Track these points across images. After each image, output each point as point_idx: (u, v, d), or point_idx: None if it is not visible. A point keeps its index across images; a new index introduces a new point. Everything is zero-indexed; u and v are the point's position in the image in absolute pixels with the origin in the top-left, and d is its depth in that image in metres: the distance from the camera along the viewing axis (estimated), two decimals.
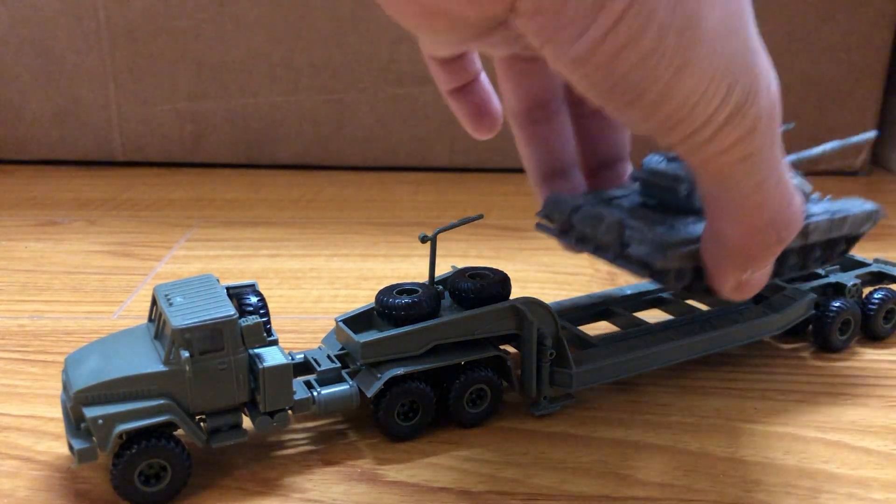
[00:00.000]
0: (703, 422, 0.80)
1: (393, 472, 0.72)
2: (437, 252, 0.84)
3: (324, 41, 1.66)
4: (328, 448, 0.75)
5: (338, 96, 1.70)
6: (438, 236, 0.81)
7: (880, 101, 1.71)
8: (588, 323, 0.94)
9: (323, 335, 0.97)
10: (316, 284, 1.14)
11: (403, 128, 1.73)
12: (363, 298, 1.09)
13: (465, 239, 1.08)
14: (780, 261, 0.82)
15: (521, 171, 1.76)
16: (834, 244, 0.87)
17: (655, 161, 0.85)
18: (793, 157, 0.93)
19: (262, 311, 0.74)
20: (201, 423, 0.70)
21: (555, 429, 0.78)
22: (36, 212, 1.46)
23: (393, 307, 0.76)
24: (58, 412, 0.80)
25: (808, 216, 0.81)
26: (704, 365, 0.89)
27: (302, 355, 0.78)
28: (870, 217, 0.87)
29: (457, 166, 1.75)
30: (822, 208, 0.85)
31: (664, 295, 0.98)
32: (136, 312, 1.05)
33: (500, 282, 0.79)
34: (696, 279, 0.76)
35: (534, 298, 0.79)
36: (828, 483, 0.70)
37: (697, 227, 0.76)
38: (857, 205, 0.87)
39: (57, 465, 0.72)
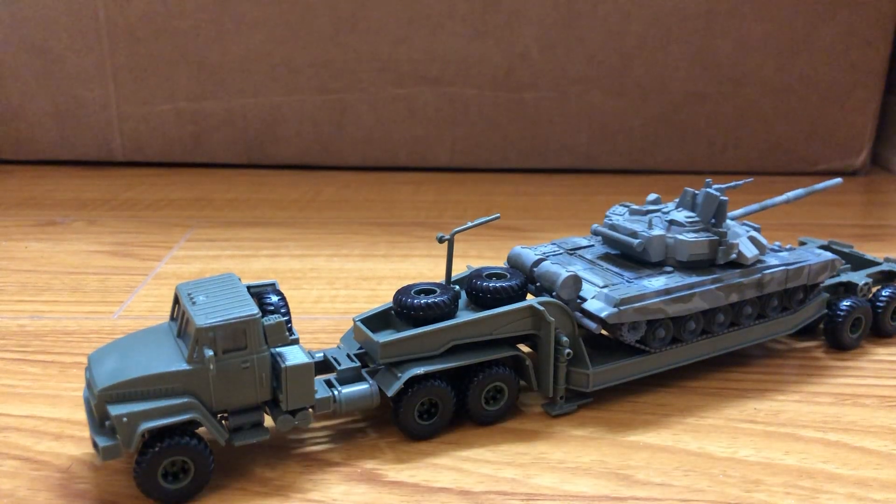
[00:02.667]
0: (703, 422, 0.80)
1: (393, 472, 0.72)
2: (436, 252, 0.84)
3: (324, 41, 1.66)
4: (328, 448, 0.75)
5: (338, 96, 1.70)
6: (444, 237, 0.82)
7: (880, 101, 1.71)
8: None
9: (323, 335, 0.98)
10: (316, 284, 1.14)
11: (403, 128, 1.73)
12: (363, 298, 1.09)
13: (465, 239, 1.08)
14: (738, 310, 0.86)
15: (520, 171, 1.77)
16: (792, 293, 0.90)
17: (618, 213, 0.89)
18: (757, 205, 0.96)
19: (283, 310, 0.75)
20: (223, 422, 0.70)
21: (555, 429, 0.79)
22: (36, 212, 1.46)
23: (412, 307, 0.76)
24: (58, 412, 0.80)
25: (766, 267, 0.86)
26: (704, 365, 0.89)
27: (322, 354, 0.79)
28: (827, 267, 0.91)
29: (457, 166, 1.75)
30: (780, 259, 0.88)
31: None
32: (136, 312, 1.05)
33: (518, 282, 0.80)
34: (651, 331, 0.82)
35: (551, 299, 0.79)
36: (828, 483, 0.71)
37: (653, 281, 0.82)
38: (814, 255, 0.91)
39: (57, 464, 0.72)
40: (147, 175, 1.71)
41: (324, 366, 0.78)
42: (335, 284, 1.15)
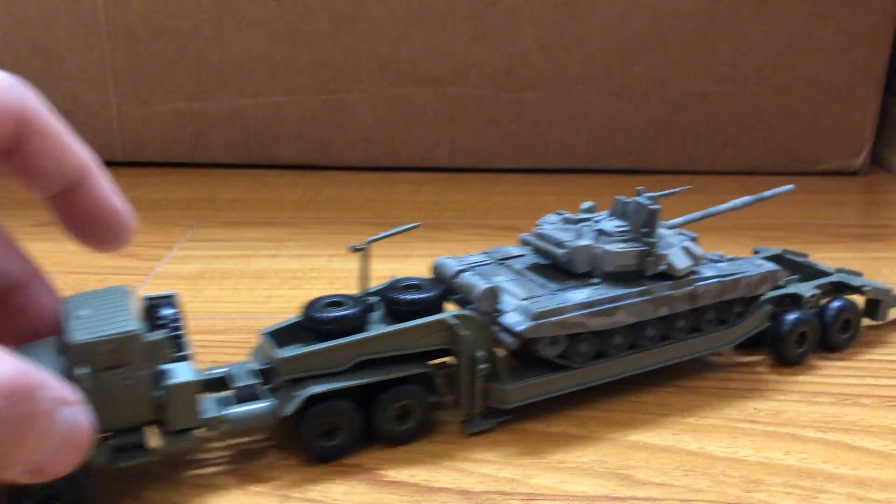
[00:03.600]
0: (703, 422, 0.80)
1: (393, 472, 0.72)
2: (435, 251, 0.84)
3: (324, 41, 1.66)
4: None
5: (338, 96, 1.71)
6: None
7: (880, 101, 1.71)
8: None
9: None
10: (316, 284, 1.14)
11: (403, 128, 1.73)
12: None
13: (465, 239, 1.08)
14: (670, 323, 0.83)
15: (520, 171, 1.76)
16: (730, 305, 0.87)
17: (550, 221, 0.86)
18: (699, 213, 0.93)
19: (174, 325, 0.70)
20: (106, 441, 0.66)
21: (555, 429, 0.78)
22: (36, 212, 1.46)
23: (317, 321, 0.72)
24: None
25: (699, 279, 0.82)
26: (704, 365, 0.89)
27: (226, 369, 0.75)
28: (766, 278, 0.87)
29: (457, 166, 1.75)
30: (717, 270, 0.84)
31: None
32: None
33: (435, 294, 0.76)
34: (572, 346, 0.78)
35: (467, 312, 0.75)
36: (828, 483, 0.71)
37: (578, 294, 0.78)
38: (754, 266, 0.87)
39: None
40: (147, 175, 1.71)
41: (226, 383, 0.74)
42: (335, 284, 1.14)
